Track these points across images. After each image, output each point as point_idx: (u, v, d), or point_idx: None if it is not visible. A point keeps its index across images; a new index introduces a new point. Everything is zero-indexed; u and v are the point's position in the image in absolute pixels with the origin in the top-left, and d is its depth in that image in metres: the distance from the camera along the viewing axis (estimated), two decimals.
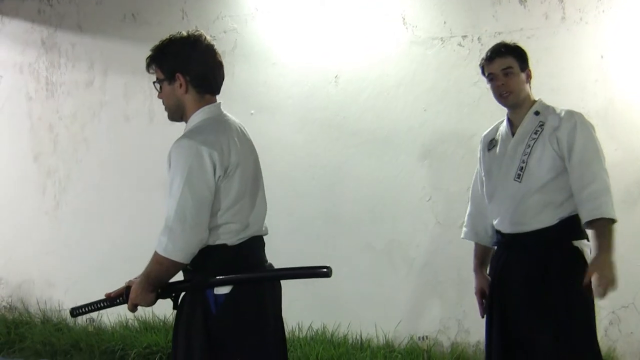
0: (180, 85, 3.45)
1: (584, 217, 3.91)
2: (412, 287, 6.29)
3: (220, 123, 3.48)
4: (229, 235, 3.40)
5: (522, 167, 4.07)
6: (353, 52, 6.41)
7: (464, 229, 4.57)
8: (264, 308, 3.48)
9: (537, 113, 4.13)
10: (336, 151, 6.51)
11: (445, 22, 6.14)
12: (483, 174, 4.36)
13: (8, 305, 7.89)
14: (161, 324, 6.88)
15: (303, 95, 6.59)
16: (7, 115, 7.92)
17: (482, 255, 4.47)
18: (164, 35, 3.53)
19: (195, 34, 3.50)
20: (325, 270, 3.41)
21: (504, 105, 4.18)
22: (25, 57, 7.78)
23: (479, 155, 4.45)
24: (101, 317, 7.04)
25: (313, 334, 6.47)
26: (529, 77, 4.18)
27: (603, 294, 3.78)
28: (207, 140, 3.30)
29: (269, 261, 3.65)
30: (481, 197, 4.39)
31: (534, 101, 4.19)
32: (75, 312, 3.76)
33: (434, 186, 6.18)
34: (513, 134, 4.17)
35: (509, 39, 4.27)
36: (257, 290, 3.46)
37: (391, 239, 6.35)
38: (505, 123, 4.26)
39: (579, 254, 4.00)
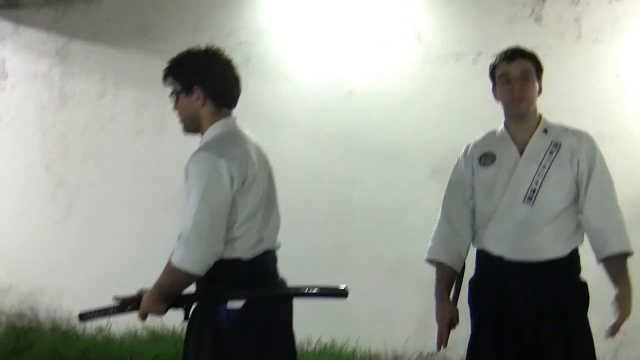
0: (198, 98, 3.45)
1: (609, 250, 3.73)
2: (421, 303, 6.24)
3: (237, 137, 3.48)
4: (244, 249, 3.39)
5: (534, 190, 3.75)
6: (367, 67, 6.42)
7: (433, 248, 4.05)
8: (276, 324, 3.47)
9: (545, 131, 3.84)
10: (347, 166, 6.50)
11: (459, 40, 6.14)
12: (473, 191, 3.96)
13: (17, 313, 7.90)
14: (170, 334, 6.86)
15: (315, 110, 6.59)
16: (19, 124, 7.96)
17: (449, 281, 4.01)
18: (177, 48, 3.54)
19: (214, 47, 3.52)
20: (342, 291, 3.40)
21: (514, 111, 3.84)
22: (39, 67, 7.82)
23: (462, 168, 4.04)
24: (110, 326, 7.05)
25: (322, 348, 6.45)
26: (540, 90, 3.88)
27: (613, 335, 3.71)
28: (225, 153, 3.30)
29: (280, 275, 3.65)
30: (462, 215, 3.99)
31: (539, 117, 3.89)
32: (85, 317, 3.75)
33: None
34: (520, 152, 3.83)
35: None
36: (270, 306, 3.46)
37: (401, 254, 6.32)
38: (505, 136, 3.91)
39: (587, 289, 3.84)
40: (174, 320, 4.92)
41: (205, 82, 3.45)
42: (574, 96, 5.66)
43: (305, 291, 3.56)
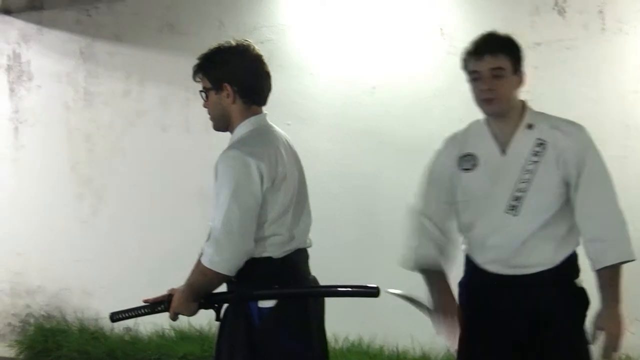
0: (227, 95, 3.42)
1: (606, 260, 3.33)
2: None
3: (267, 134, 3.47)
4: (275, 248, 3.38)
5: (517, 198, 3.39)
6: (390, 62, 6.39)
7: (421, 255, 3.83)
8: (307, 322, 3.46)
9: (529, 126, 3.45)
10: (371, 161, 6.49)
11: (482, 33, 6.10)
12: (454, 192, 3.63)
13: (45, 314, 7.94)
14: (197, 333, 6.88)
15: (339, 106, 6.57)
16: (45, 124, 7.99)
17: (448, 284, 3.69)
18: (201, 45, 3.52)
19: (244, 43, 3.47)
20: (373, 290, 3.38)
21: (486, 112, 3.51)
22: (64, 67, 7.84)
23: (443, 165, 3.68)
24: (138, 326, 7.07)
25: (349, 345, 6.44)
26: (521, 82, 3.49)
27: (610, 357, 3.36)
28: (255, 152, 3.28)
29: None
30: (446, 213, 3.70)
31: (522, 109, 3.51)
32: (115, 317, 3.73)
33: None
34: (502, 152, 3.48)
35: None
36: (302, 304, 3.44)
37: None
38: (485, 133, 3.55)
39: (584, 294, 3.53)
40: (202, 319, 4.93)
41: (235, 79, 3.42)
42: (597, 88, 5.61)
43: (337, 290, 3.56)
